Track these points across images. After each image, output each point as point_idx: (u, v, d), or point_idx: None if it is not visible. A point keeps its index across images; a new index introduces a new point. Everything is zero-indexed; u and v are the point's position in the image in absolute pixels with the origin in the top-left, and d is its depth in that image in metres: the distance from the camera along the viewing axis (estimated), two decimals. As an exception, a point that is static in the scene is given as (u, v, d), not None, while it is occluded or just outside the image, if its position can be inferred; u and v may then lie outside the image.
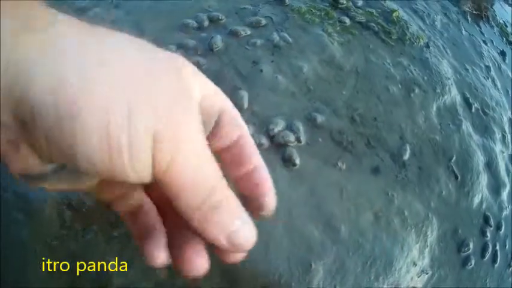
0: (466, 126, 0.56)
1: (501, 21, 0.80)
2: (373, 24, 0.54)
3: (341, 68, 0.48)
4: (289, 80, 0.44)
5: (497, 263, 0.56)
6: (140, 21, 0.48)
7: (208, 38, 0.46)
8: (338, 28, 0.51)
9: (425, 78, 0.53)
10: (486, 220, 0.56)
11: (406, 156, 0.47)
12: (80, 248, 0.35)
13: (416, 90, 0.51)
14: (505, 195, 0.61)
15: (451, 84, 0.56)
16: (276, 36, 0.47)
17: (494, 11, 0.80)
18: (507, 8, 0.88)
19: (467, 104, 0.58)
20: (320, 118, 0.44)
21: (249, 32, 0.46)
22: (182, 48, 0.45)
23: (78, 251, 0.35)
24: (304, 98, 0.44)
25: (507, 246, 0.58)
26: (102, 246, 0.36)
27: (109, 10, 0.50)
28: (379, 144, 0.45)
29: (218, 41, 0.45)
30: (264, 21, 0.47)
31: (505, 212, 0.60)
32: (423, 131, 0.50)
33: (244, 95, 0.43)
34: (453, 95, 0.56)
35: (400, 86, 0.50)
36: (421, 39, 0.57)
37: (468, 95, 0.59)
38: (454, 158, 0.52)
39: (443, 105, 0.54)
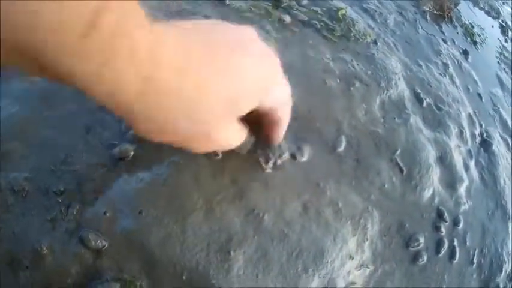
0: (415, 120, 0.56)
1: (467, 23, 0.80)
2: (315, 22, 0.55)
3: (276, 63, 0.48)
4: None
5: (456, 259, 0.55)
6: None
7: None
8: (277, 25, 0.52)
9: (369, 72, 0.54)
10: (440, 215, 0.55)
11: (341, 148, 0.47)
12: (20, 231, 0.36)
13: (357, 84, 0.51)
14: (462, 190, 0.59)
15: (399, 79, 0.56)
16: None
17: (459, 12, 0.80)
18: (476, 10, 0.88)
19: (418, 98, 0.58)
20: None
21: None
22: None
23: (19, 233, 0.36)
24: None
25: (468, 243, 0.57)
26: (37, 228, 0.37)
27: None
28: (312, 136, 0.46)
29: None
30: (201, 20, 0.49)
31: (464, 207, 0.58)
32: (363, 124, 0.50)
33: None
34: (400, 89, 0.56)
35: (338, 80, 0.51)
36: (368, 36, 0.58)
37: (419, 90, 0.59)
38: (399, 151, 0.52)
39: (388, 99, 0.54)
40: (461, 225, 0.57)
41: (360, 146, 0.49)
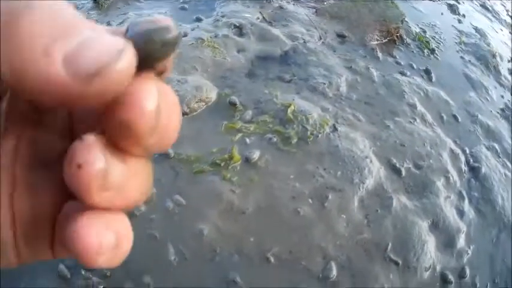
0: (398, 199, 0.54)
1: (416, 30, 0.76)
2: (270, 136, 0.52)
3: (243, 212, 0.46)
4: (191, 252, 0.43)
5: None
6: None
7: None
8: (242, 167, 0.49)
9: (339, 174, 0.51)
10: (444, 279, 0.55)
11: (334, 273, 0.46)
12: None
13: (330, 196, 0.49)
14: (462, 240, 0.59)
15: (370, 161, 0.54)
16: (169, 204, 0.46)
17: (407, 22, 0.76)
18: (419, 2, 0.83)
19: (395, 171, 0.56)
20: (238, 278, 0.43)
21: (143, 209, 0.45)
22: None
23: None
24: (211, 265, 0.43)
25: (478, 285, 0.57)
26: None
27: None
28: (300, 277, 0.44)
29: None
30: (153, 189, 0.46)
31: (467, 256, 0.58)
32: (347, 238, 0.48)
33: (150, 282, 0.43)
34: (376, 172, 0.54)
35: (310, 200, 0.49)
36: (325, 125, 0.54)
37: (394, 160, 0.57)
38: (390, 245, 0.51)
39: (365, 192, 0.52)
40: (467, 274, 0.57)
41: (351, 261, 0.48)
